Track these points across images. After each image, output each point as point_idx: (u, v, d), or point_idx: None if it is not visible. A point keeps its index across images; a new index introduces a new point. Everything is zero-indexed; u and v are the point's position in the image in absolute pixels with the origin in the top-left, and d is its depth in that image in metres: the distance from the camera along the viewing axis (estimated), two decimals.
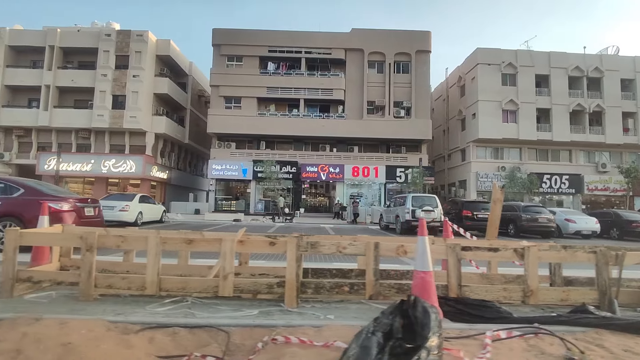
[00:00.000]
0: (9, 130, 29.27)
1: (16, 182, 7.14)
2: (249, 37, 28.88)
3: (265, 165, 25.46)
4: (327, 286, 3.78)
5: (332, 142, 29.54)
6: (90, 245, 3.61)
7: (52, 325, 2.69)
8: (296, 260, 3.69)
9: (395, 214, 16.42)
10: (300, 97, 28.74)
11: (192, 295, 3.69)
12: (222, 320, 3.12)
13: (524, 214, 16.56)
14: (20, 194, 6.75)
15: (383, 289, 3.80)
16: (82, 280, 3.59)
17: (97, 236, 3.64)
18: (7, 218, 6.55)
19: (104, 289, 3.65)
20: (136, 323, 2.92)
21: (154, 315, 3.21)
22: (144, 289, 3.63)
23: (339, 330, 2.97)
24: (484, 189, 29.20)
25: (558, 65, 29.60)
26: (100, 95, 27.96)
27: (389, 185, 28.72)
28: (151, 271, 3.64)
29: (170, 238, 3.76)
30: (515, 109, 29.11)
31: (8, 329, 2.55)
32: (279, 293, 3.71)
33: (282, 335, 2.77)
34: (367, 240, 4.02)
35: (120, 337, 2.62)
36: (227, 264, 3.67)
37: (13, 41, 29.04)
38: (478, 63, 29.18)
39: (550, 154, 30.72)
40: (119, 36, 28.58)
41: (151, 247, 3.66)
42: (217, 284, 3.66)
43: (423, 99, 28.83)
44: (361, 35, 29.05)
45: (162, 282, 3.64)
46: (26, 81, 28.69)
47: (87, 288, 3.58)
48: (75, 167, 27.53)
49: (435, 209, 15.36)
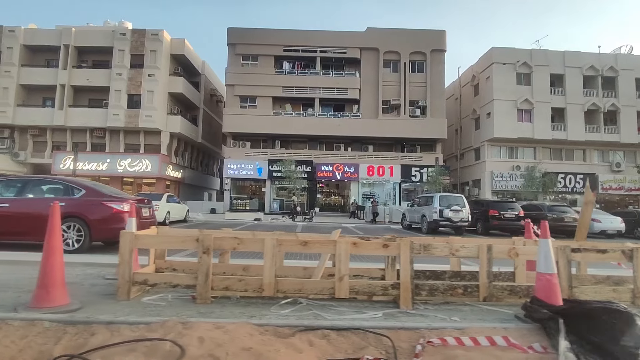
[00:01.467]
0: (23, 129, 29.31)
1: (77, 182, 7.14)
2: (264, 36, 28.85)
3: (284, 164, 25.45)
4: (441, 288, 3.78)
5: (346, 141, 29.54)
6: (207, 248, 3.61)
7: (212, 329, 2.69)
8: (410, 262, 3.69)
9: (421, 214, 16.42)
10: (315, 97, 28.74)
11: (308, 296, 3.69)
12: (355, 322, 3.12)
13: (550, 214, 16.57)
14: (82, 195, 6.75)
15: (496, 290, 3.80)
16: (200, 282, 3.59)
17: (213, 238, 3.64)
18: (71, 219, 6.54)
19: (221, 292, 3.65)
20: (282, 326, 2.92)
21: (287, 318, 3.20)
22: (261, 290, 3.63)
23: (482, 331, 2.97)
24: (499, 188, 29.22)
25: (573, 65, 29.58)
26: (115, 95, 27.97)
27: (403, 185, 28.74)
28: (268, 273, 3.64)
29: (285, 240, 3.76)
30: (530, 109, 29.10)
31: (175, 334, 2.55)
32: (393, 295, 3.71)
33: (438, 338, 2.77)
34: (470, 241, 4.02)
35: (284, 341, 2.63)
36: (342, 265, 3.67)
37: (28, 40, 29.05)
38: (493, 62, 29.15)
39: (564, 153, 30.72)
40: (134, 35, 28.58)
41: (267, 249, 3.66)
42: (333, 285, 3.66)
43: (438, 98, 28.83)
44: (376, 34, 29.02)
45: (278, 284, 3.65)
46: (41, 80, 28.70)
47: (204, 291, 3.58)
48: (91, 166, 27.56)
49: (463, 208, 15.36)
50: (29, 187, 6.81)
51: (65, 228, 6.51)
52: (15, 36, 28.63)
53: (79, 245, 6.49)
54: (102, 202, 6.69)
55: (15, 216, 6.48)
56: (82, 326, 2.79)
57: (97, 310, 3.24)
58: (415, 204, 17.88)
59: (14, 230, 6.54)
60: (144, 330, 2.76)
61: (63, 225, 6.51)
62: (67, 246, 6.47)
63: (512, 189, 29.18)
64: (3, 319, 2.80)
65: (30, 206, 6.60)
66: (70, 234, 6.49)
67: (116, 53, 28.33)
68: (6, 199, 6.63)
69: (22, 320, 2.79)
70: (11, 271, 4.81)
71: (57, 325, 2.78)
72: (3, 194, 6.81)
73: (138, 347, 2.35)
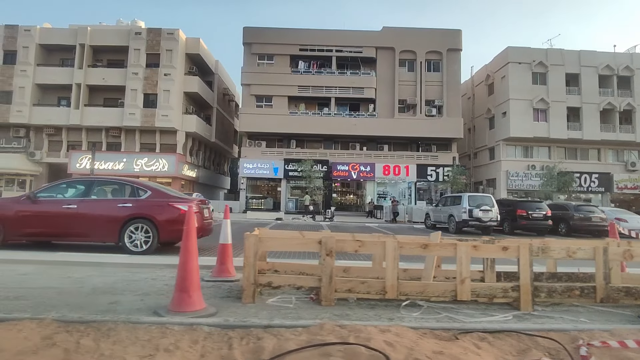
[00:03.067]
0: (39, 129, 29.31)
1: (142, 183, 7.14)
2: (280, 35, 28.84)
3: (303, 164, 25.44)
4: (559, 290, 3.78)
5: (362, 140, 29.53)
6: (329, 250, 3.62)
7: (379, 332, 2.69)
8: (530, 264, 3.69)
9: (448, 214, 16.39)
10: (331, 96, 28.72)
11: (430, 299, 3.69)
12: (493, 325, 3.13)
13: (577, 213, 16.57)
14: (148, 196, 6.74)
15: (612, 292, 3.80)
16: (324, 284, 3.59)
17: (335, 241, 3.65)
18: (139, 220, 6.54)
19: (344, 294, 3.66)
20: (436, 329, 2.93)
21: (427, 321, 3.21)
22: (384, 293, 3.63)
23: (630, 333, 2.98)
24: (514, 187, 29.22)
25: (588, 64, 29.53)
26: (131, 94, 27.96)
27: (419, 184, 28.74)
28: (391, 275, 3.64)
29: (406, 243, 3.76)
30: (545, 108, 29.07)
31: (343, 336, 2.56)
32: (513, 297, 3.71)
33: (600, 341, 2.76)
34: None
35: (456, 344, 2.63)
36: (464, 268, 3.67)
37: (43, 40, 29.04)
38: (509, 62, 29.11)
39: (579, 152, 30.69)
40: (150, 34, 28.54)
41: (389, 252, 3.67)
42: (454, 288, 3.67)
43: (454, 98, 28.81)
44: (392, 33, 28.99)
45: (400, 286, 3.65)
46: (57, 80, 28.70)
47: (329, 292, 3.59)
48: (107, 165, 27.57)
49: (492, 208, 15.34)
50: (95, 188, 6.80)
51: (133, 229, 6.51)
52: (31, 35, 28.62)
53: (147, 247, 6.48)
54: (168, 203, 6.68)
55: (83, 217, 6.48)
56: (241, 330, 2.80)
57: (233, 313, 3.25)
58: (441, 203, 17.86)
59: (82, 232, 6.54)
60: (305, 333, 2.76)
61: (131, 227, 6.53)
62: (135, 247, 6.48)
63: (527, 188, 29.17)
64: (163, 324, 2.81)
65: (98, 207, 6.60)
66: (138, 235, 6.49)
67: (132, 52, 28.30)
68: (74, 200, 6.63)
69: (180, 325, 2.80)
70: (100, 273, 4.81)
71: (217, 330, 2.79)
72: (70, 195, 6.82)
73: (331, 351, 2.35)
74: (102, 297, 3.60)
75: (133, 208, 6.57)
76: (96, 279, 4.44)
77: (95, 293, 3.78)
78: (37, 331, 2.61)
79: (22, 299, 3.48)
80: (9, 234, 6.41)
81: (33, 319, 2.76)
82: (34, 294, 3.63)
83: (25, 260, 5.32)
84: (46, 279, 4.33)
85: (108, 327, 2.73)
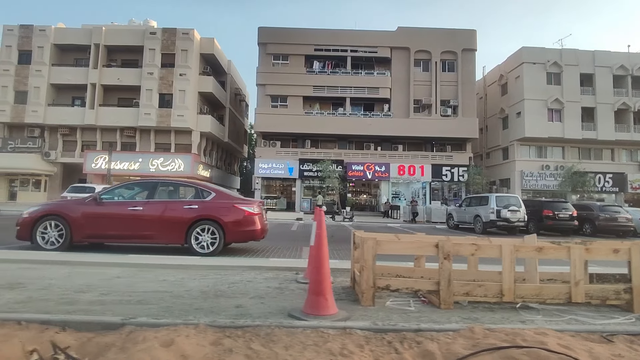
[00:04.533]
0: (53, 128, 29.33)
1: (205, 185, 7.15)
2: (295, 35, 28.84)
3: (323, 164, 25.46)
4: None
5: (376, 140, 29.54)
6: (447, 254, 3.63)
7: (535, 335, 2.71)
8: None
9: (474, 214, 16.41)
10: (346, 96, 28.74)
11: (545, 301, 3.71)
12: (621, 327, 3.14)
13: (602, 214, 16.58)
14: (212, 198, 6.75)
15: None
16: (443, 288, 3.61)
17: (452, 244, 3.67)
18: (205, 221, 6.55)
19: (461, 297, 3.68)
20: (581, 332, 2.94)
21: (558, 324, 3.22)
22: (501, 296, 3.65)
23: None
24: (529, 187, 29.24)
25: (602, 64, 29.56)
26: (147, 94, 27.97)
27: (432, 184, 28.75)
28: (507, 278, 3.66)
29: (521, 246, 3.78)
30: (560, 108, 29.09)
31: (521, 340, 2.57)
32: (625, 299, 3.73)
33: None
34: None
35: (620, 347, 2.65)
36: (577, 271, 3.69)
37: (58, 40, 29.07)
38: (523, 62, 29.12)
39: (593, 152, 30.71)
40: (164, 34, 28.56)
41: (506, 255, 3.69)
42: (568, 290, 3.69)
43: (469, 98, 28.83)
44: (407, 33, 28.99)
45: (516, 289, 3.67)
46: (71, 80, 28.72)
47: (447, 296, 3.60)
48: (123, 165, 27.59)
49: (520, 208, 15.37)
50: (159, 189, 6.82)
51: (199, 231, 6.53)
52: (46, 35, 28.64)
53: (213, 249, 6.50)
54: (233, 204, 6.70)
55: (150, 219, 6.50)
56: (393, 334, 2.81)
57: (367, 316, 3.26)
58: (465, 204, 17.88)
59: (149, 234, 6.55)
60: (460, 337, 2.78)
61: (197, 228, 6.54)
62: (201, 249, 6.49)
63: (541, 188, 29.20)
64: (316, 328, 2.83)
65: (165, 209, 6.61)
66: (205, 237, 6.51)
67: (147, 52, 28.31)
68: (139, 201, 6.64)
69: (334, 329, 2.82)
70: (190, 276, 4.81)
71: (371, 333, 2.81)
72: (135, 197, 6.84)
73: (514, 354, 2.36)
74: (223, 301, 3.62)
75: (199, 210, 6.58)
76: (193, 282, 4.45)
77: (210, 296, 3.79)
78: (201, 337, 2.62)
79: (145, 303, 3.49)
80: (75, 235, 6.42)
81: (188, 325, 2.77)
82: (152, 298, 3.64)
83: (105, 263, 5.32)
84: (146, 282, 4.34)
85: (265, 331, 2.74)
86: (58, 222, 6.41)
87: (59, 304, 3.35)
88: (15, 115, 28.37)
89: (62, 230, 6.40)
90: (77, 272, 4.76)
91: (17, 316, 2.80)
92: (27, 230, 6.40)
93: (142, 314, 3.07)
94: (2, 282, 4.07)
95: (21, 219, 6.51)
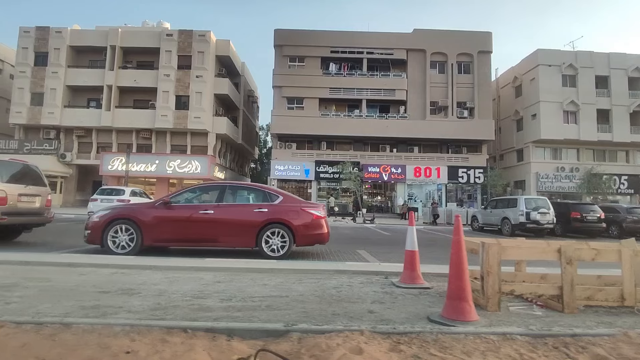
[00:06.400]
0: (69, 130, 29.37)
1: (272, 189, 7.19)
2: (311, 37, 28.92)
3: (344, 166, 25.50)
4: None
5: (391, 142, 29.58)
6: (569, 258, 3.65)
7: None
8: None
9: (502, 217, 16.44)
10: (362, 98, 28.81)
11: None
12: None
13: (629, 216, 16.61)
14: (280, 201, 6.77)
15: None
16: (566, 292, 3.63)
17: (574, 249, 3.69)
18: (275, 225, 6.58)
19: (584, 301, 3.70)
20: None
21: None
22: (622, 300, 3.68)
23: None
24: (544, 189, 29.25)
25: (618, 66, 29.61)
26: (163, 96, 28.02)
27: (449, 186, 28.78)
28: (628, 283, 3.69)
29: (639, 250, 3.80)
30: (575, 110, 29.14)
31: None
32: None
33: None
34: None
35: None
36: None
37: (74, 41, 29.14)
38: (539, 64, 29.18)
39: (608, 154, 30.75)
40: (181, 36, 28.62)
41: (625, 260, 3.71)
42: None
43: (485, 99, 28.89)
44: (423, 35, 29.07)
45: (638, 293, 3.70)
46: (87, 81, 28.79)
47: (571, 300, 3.62)
48: (140, 167, 27.61)
49: (549, 211, 15.41)
50: (227, 193, 6.85)
51: (269, 234, 6.56)
52: (62, 37, 28.72)
53: (283, 252, 6.52)
54: (301, 208, 6.73)
55: (222, 222, 6.52)
56: (552, 339, 2.84)
57: (506, 322, 3.26)
58: (490, 206, 17.91)
59: (220, 237, 6.56)
60: (618, 342, 2.81)
61: (267, 232, 6.57)
62: (272, 252, 6.51)
63: (557, 190, 29.23)
64: (476, 334, 2.86)
65: (236, 212, 6.63)
66: (275, 240, 6.53)
67: (163, 54, 28.37)
68: (210, 205, 6.66)
69: (495, 335, 2.84)
70: (286, 280, 4.83)
71: (529, 338, 2.84)
72: (203, 201, 6.87)
73: None
74: (349, 306, 3.61)
75: (269, 213, 6.60)
76: (297, 285, 4.43)
77: (331, 301, 3.79)
78: (376, 343, 2.62)
79: (274, 308, 3.48)
80: (146, 239, 6.44)
81: (352, 331, 2.79)
82: (277, 303, 3.63)
83: (192, 268, 5.32)
84: (250, 287, 4.34)
85: (432, 338, 2.77)
86: (129, 225, 6.42)
87: (191, 310, 3.35)
88: (32, 117, 28.43)
89: (133, 234, 6.41)
90: (173, 277, 4.77)
91: (188, 324, 2.83)
92: (98, 234, 6.41)
93: (292, 319, 3.08)
94: (113, 288, 4.09)
95: (91, 223, 6.53)
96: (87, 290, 3.99)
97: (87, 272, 4.92)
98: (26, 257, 5.58)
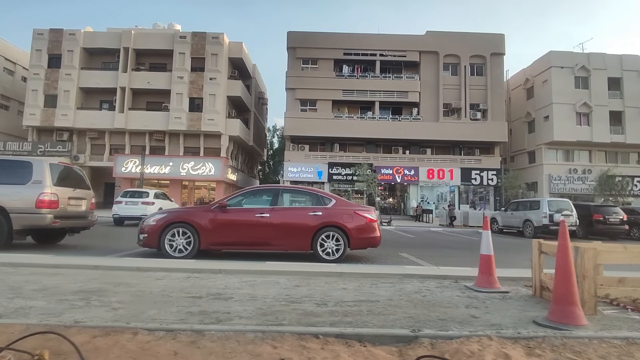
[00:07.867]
0: (82, 132, 29.44)
1: (325, 192, 7.23)
2: (324, 40, 29.01)
3: (360, 168, 25.55)
4: None
5: (404, 144, 29.62)
6: None
7: None
8: None
9: (524, 219, 16.45)
10: (375, 100, 28.88)
11: None
12: None
13: None
14: (333, 205, 6.80)
15: None
16: None
17: None
18: (329, 228, 6.60)
19: None
20: None
21: None
22: None
23: None
24: (557, 190, 29.26)
25: (630, 68, 29.65)
26: (177, 98, 28.09)
27: (462, 188, 28.81)
28: None
29: None
30: (588, 112, 29.18)
31: None
32: None
33: None
34: None
35: None
36: None
37: (88, 43, 29.24)
38: (552, 66, 29.23)
39: (620, 155, 30.77)
40: (194, 38, 28.72)
41: None
42: None
43: (498, 101, 28.95)
44: (436, 37, 29.14)
45: None
46: (101, 83, 28.88)
47: None
48: (153, 169, 27.66)
49: (572, 213, 15.43)
50: (282, 196, 6.88)
51: (324, 237, 6.59)
52: (75, 39, 28.82)
53: (338, 255, 6.55)
54: (355, 211, 6.75)
55: (278, 226, 6.55)
56: None
57: (614, 326, 3.28)
58: (510, 208, 17.93)
59: (275, 241, 6.59)
60: None
61: (322, 235, 6.60)
62: (327, 256, 6.54)
63: (569, 192, 29.22)
64: (600, 338, 2.88)
65: (291, 216, 6.66)
66: (330, 244, 6.56)
67: (176, 56, 28.46)
68: (265, 208, 6.70)
69: (617, 339, 2.87)
70: (360, 284, 4.85)
71: None
72: (258, 204, 6.90)
73: None
74: (449, 310, 3.63)
75: (323, 216, 6.63)
76: (380, 290, 4.43)
77: (426, 305, 3.80)
78: (510, 348, 2.64)
79: (377, 313, 3.47)
80: (203, 242, 6.47)
81: (480, 336, 2.81)
82: (376, 308, 3.62)
83: (264, 272, 5.32)
84: (333, 291, 4.35)
85: (559, 342, 2.79)
86: (186, 229, 6.45)
87: (298, 315, 3.35)
88: (45, 119, 28.51)
89: (190, 238, 6.44)
90: (249, 281, 4.79)
91: (316, 330, 2.86)
92: (155, 237, 6.43)
93: (406, 324, 3.11)
94: (203, 293, 4.11)
95: (148, 227, 6.55)
96: (178, 295, 4.00)
97: (161, 276, 4.94)
98: (92, 262, 5.62)
